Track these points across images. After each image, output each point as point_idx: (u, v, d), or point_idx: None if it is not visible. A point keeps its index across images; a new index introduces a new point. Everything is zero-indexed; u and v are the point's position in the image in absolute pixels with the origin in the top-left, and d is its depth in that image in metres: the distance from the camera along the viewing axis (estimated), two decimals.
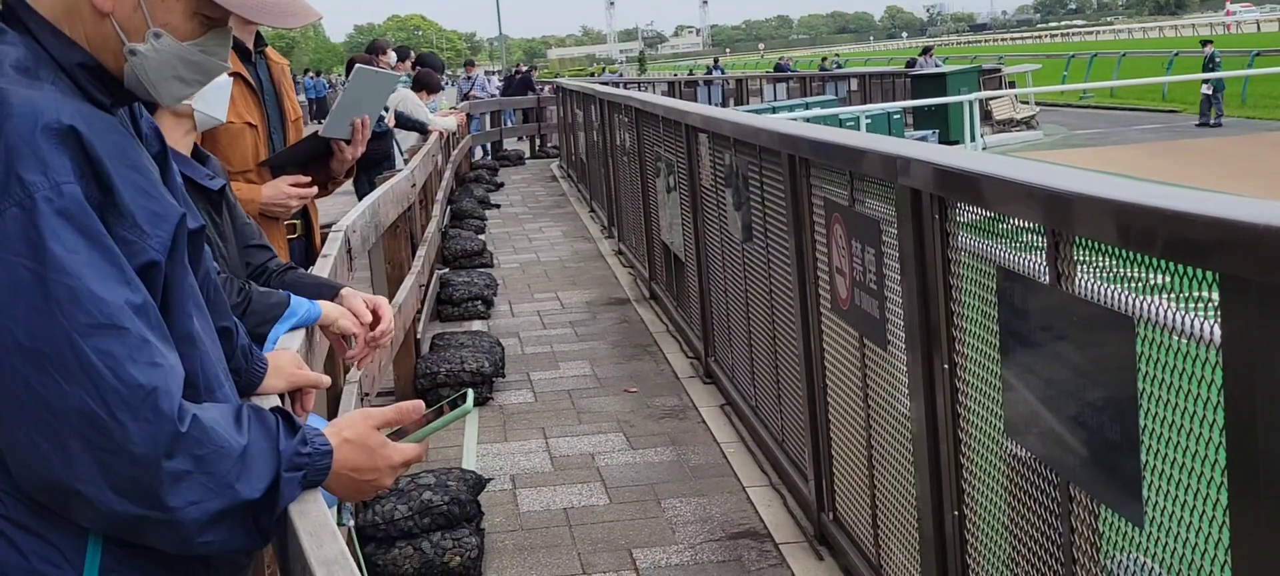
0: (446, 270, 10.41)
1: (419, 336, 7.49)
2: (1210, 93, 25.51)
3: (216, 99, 3.22)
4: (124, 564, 1.72)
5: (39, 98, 1.64)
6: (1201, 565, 2.12)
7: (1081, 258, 2.46)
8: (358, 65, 4.18)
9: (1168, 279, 2.12)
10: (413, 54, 12.94)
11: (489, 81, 25.80)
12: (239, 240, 2.99)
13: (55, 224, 1.59)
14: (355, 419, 1.93)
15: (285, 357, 2.37)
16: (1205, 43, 27.81)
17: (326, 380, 2.47)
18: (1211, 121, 25.16)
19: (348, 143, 4.02)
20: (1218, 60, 26.58)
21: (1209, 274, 1.97)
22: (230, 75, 3.48)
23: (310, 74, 36.31)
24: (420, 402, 2.03)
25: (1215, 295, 1.95)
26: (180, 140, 3.00)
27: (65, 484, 1.60)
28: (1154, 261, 2.16)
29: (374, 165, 9.49)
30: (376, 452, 1.89)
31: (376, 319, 2.90)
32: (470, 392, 2.05)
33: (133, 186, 1.68)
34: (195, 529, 1.65)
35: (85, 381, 1.57)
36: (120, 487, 1.60)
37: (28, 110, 1.62)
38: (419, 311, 7.53)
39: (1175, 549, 2.20)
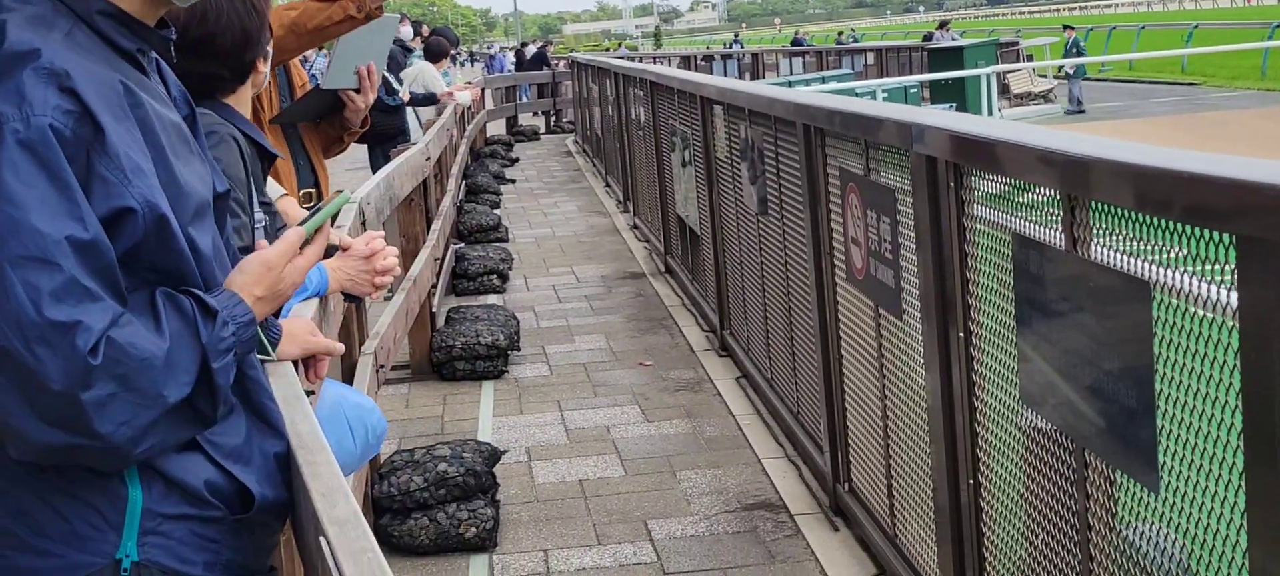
0: (462, 245, 10.42)
1: (434, 310, 7.50)
2: (1071, 71, 24.80)
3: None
4: (163, 525, 1.74)
5: (38, 39, 1.66)
6: (1218, 530, 2.11)
7: (1097, 223, 2.44)
8: None
9: (1184, 242, 2.11)
10: (425, 27, 12.93)
11: (506, 61, 25.81)
12: None
13: (15, 154, 1.60)
14: (249, 262, 1.93)
15: (299, 324, 2.38)
16: (1067, 27, 27.25)
17: (340, 347, 2.48)
18: (1075, 108, 24.52)
19: (356, 92, 3.98)
20: (1082, 46, 25.90)
21: (1226, 236, 1.96)
22: None
23: (325, 52, 36.30)
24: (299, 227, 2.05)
25: (1232, 257, 1.94)
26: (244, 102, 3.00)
27: None
28: (1170, 225, 2.15)
29: (388, 139, 9.48)
30: (279, 270, 1.93)
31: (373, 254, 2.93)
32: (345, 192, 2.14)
33: (126, 135, 1.68)
34: (130, 445, 1.65)
35: (7, 312, 1.58)
36: (48, 418, 1.60)
37: (21, 46, 1.65)
38: (434, 285, 7.53)
39: (1191, 514, 2.19)
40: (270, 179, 3.54)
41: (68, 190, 1.62)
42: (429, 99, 10.61)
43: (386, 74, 10.22)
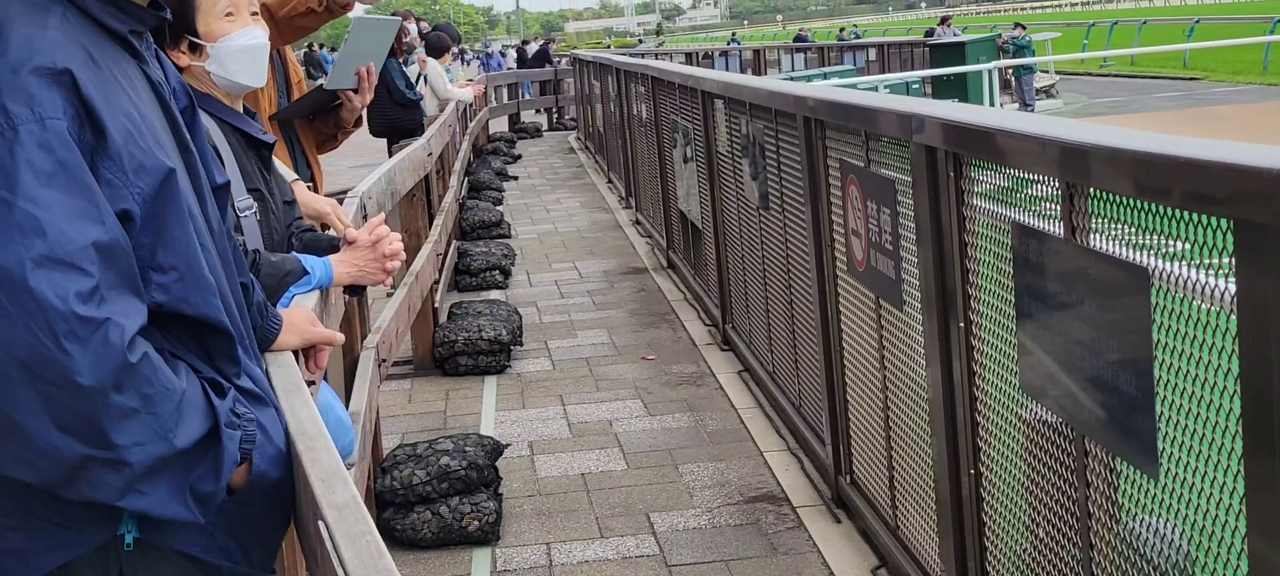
0: (464, 243, 10.42)
1: (437, 305, 7.51)
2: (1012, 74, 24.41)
3: (255, 64, 3.17)
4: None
5: (37, 36, 1.64)
6: (1218, 516, 2.12)
7: (1096, 210, 2.44)
8: (355, 15, 4.17)
9: (1183, 229, 2.11)
10: (425, 23, 12.94)
11: (503, 59, 25.79)
12: (281, 194, 3.04)
13: (34, 154, 1.57)
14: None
15: (299, 315, 2.39)
16: (1018, 25, 27.06)
17: (340, 337, 2.48)
18: (1028, 104, 24.28)
19: (355, 92, 4.04)
20: (1030, 46, 25.62)
21: (1224, 221, 1.96)
22: None
23: (327, 49, 36.32)
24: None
25: (1229, 243, 1.94)
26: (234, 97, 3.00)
27: (7, 416, 1.55)
28: (1169, 211, 2.15)
29: (408, 134, 9.50)
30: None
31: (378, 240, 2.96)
32: None
33: (124, 132, 1.67)
34: (138, 473, 1.60)
35: (35, 310, 1.53)
36: (64, 423, 1.55)
37: (24, 47, 1.62)
38: (437, 281, 7.54)
39: (1191, 501, 2.20)
40: (283, 164, 3.55)
41: (88, 192, 1.60)
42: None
43: (404, 70, 10.27)
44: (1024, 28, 26.02)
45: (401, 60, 10.39)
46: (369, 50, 4.02)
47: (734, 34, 64.79)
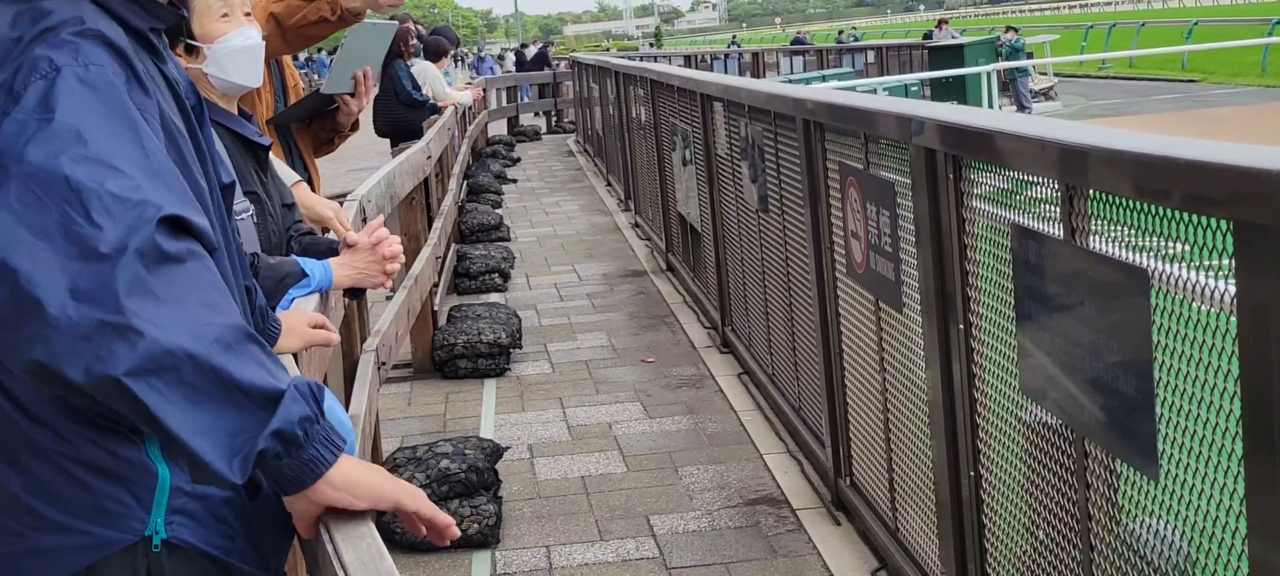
0: (464, 246, 10.42)
1: (436, 308, 7.51)
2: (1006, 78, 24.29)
3: (252, 64, 3.17)
4: (189, 503, 1.68)
5: (82, 10, 1.65)
6: (1218, 517, 2.12)
7: (1096, 212, 2.45)
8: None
9: (1183, 230, 2.11)
10: (422, 26, 12.95)
11: (496, 66, 25.77)
12: (279, 198, 3.04)
13: (75, 87, 1.55)
14: None
15: (299, 318, 2.39)
16: (1011, 28, 27.05)
17: (336, 337, 2.48)
18: (1025, 106, 24.23)
19: (352, 96, 4.05)
20: (1024, 49, 25.53)
21: (1223, 223, 1.96)
22: None
23: (326, 52, 36.35)
24: None
25: (1229, 244, 1.94)
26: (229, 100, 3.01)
27: (24, 292, 1.45)
28: (1168, 212, 2.15)
29: (412, 135, 9.51)
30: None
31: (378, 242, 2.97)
32: None
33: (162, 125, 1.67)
34: (151, 354, 1.45)
35: (69, 194, 1.47)
36: (79, 291, 1.45)
37: (70, 14, 1.63)
38: (436, 284, 7.54)
39: (1190, 501, 2.20)
40: (284, 166, 3.55)
41: (133, 124, 1.56)
42: (433, 108, 10.63)
43: (411, 71, 10.28)
44: (1017, 31, 26.03)
45: (408, 61, 10.41)
46: (366, 54, 4.03)
47: (734, 37, 64.87)
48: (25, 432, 1.64)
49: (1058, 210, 2.57)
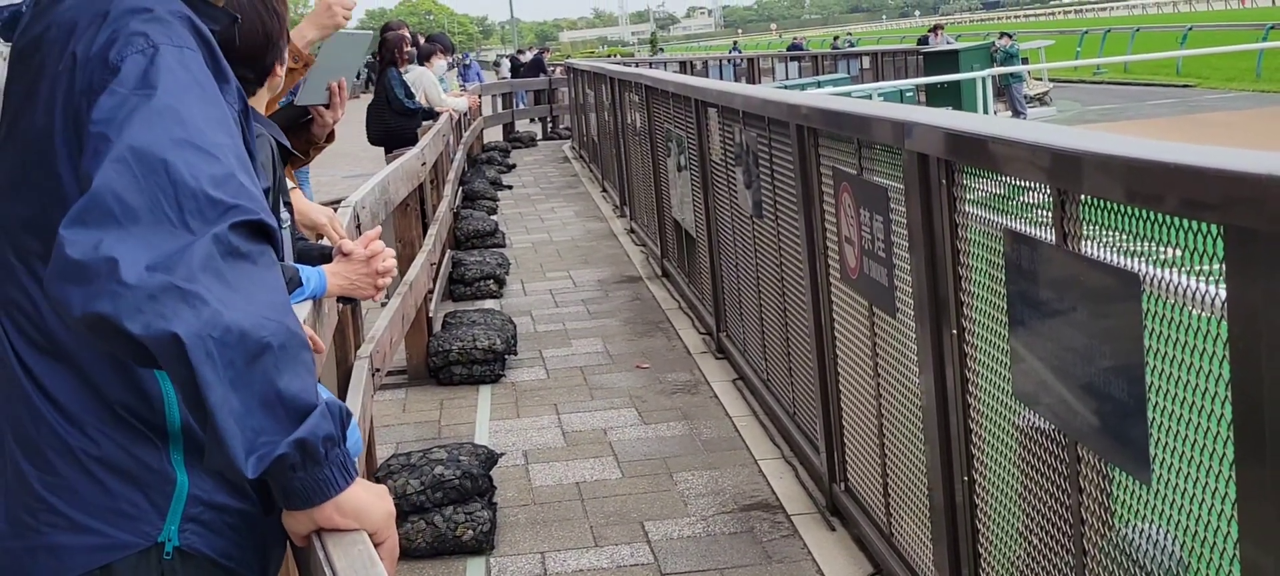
0: (459, 253, 10.42)
1: (431, 315, 7.51)
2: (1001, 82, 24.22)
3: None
4: (205, 513, 1.69)
5: (176, 3, 1.71)
6: (1209, 520, 2.12)
7: (1088, 217, 2.45)
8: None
9: (1175, 235, 2.11)
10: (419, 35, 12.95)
11: (481, 75, 25.70)
12: None
13: (174, 65, 1.60)
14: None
15: None
16: (1005, 34, 27.08)
17: (323, 348, 2.48)
18: (1020, 112, 24.18)
19: (326, 107, 4.01)
20: (1018, 55, 25.50)
21: (1215, 227, 1.96)
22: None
23: None
24: None
25: (1221, 249, 1.95)
26: (261, 104, 3.01)
27: (103, 256, 1.47)
28: (1160, 217, 2.15)
29: (405, 142, 9.49)
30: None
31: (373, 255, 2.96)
32: None
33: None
34: (214, 325, 1.46)
35: (166, 184, 1.51)
36: (156, 264, 1.48)
37: (161, 2, 1.68)
38: (431, 290, 7.54)
39: (1183, 505, 2.20)
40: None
41: (220, 108, 1.63)
42: (430, 113, 10.61)
43: (404, 79, 10.26)
44: (1011, 37, 26.08)
45: (403, 69, 10.39)
46: (341, 65, 3.98)
47: (736, 43, 64.98)
48: (53, 428, 1.65)
49: (1050, 215, 2.58)
